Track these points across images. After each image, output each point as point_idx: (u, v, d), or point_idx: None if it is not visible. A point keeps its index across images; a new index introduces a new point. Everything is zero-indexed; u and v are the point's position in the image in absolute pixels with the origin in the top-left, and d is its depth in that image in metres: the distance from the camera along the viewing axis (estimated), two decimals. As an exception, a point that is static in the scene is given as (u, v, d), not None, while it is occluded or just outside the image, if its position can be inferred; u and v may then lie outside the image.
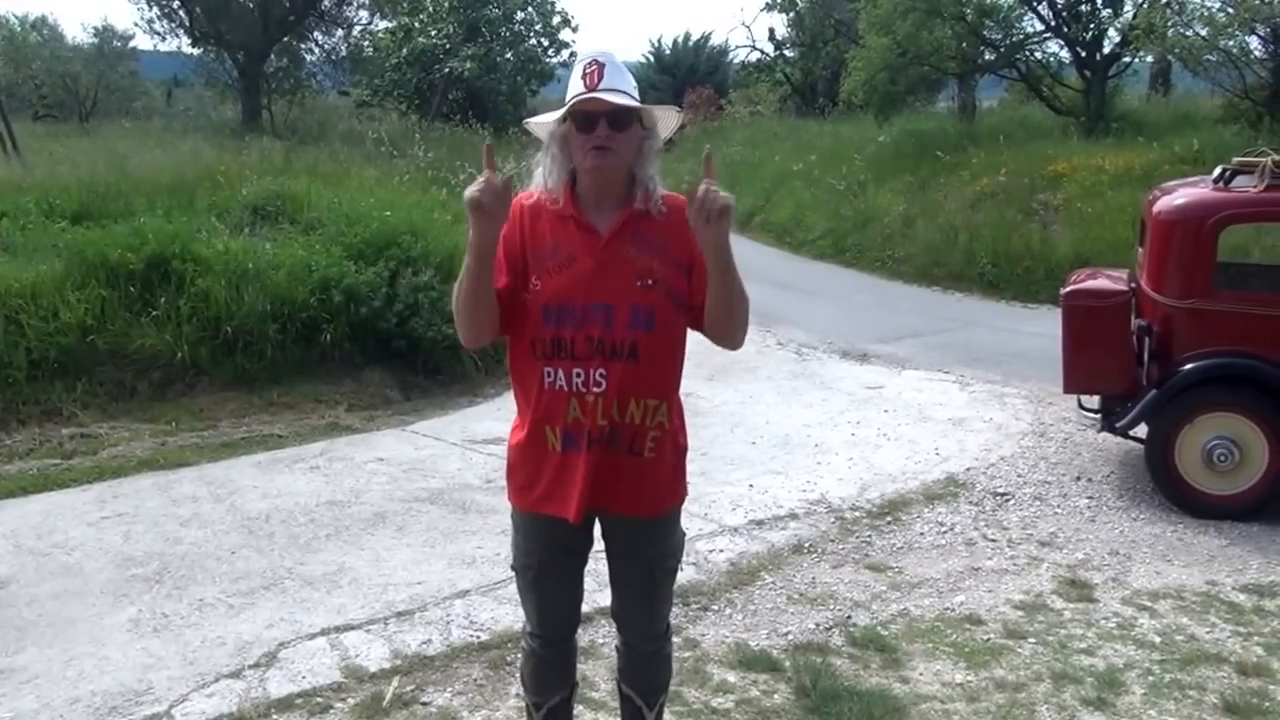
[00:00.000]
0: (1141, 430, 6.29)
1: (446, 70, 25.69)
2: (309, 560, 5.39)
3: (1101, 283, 6.64)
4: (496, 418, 8.05)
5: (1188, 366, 6.04)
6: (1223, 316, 6.06)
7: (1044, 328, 6.89)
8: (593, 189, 2.88)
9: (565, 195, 2.88)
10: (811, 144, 20.10)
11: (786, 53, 30.05)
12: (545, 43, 30.01)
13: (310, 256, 8.92)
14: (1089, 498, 6.33)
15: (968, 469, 6.78)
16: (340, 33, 27.00)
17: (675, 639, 4.62)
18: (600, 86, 2.79)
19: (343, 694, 4.19)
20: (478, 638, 4.63)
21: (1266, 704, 4.09)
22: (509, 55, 28.05)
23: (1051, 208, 13.52)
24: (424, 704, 4.14)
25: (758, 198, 18.57)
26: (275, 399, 7.99)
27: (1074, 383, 6.52)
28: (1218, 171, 6.36)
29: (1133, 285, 6.53)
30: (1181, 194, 6.40)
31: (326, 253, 9.05)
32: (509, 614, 4.81)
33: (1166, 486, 6.15)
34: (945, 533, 5.84)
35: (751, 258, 15.53)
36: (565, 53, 29.84)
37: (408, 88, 27.19)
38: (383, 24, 27.75)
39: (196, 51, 25.62)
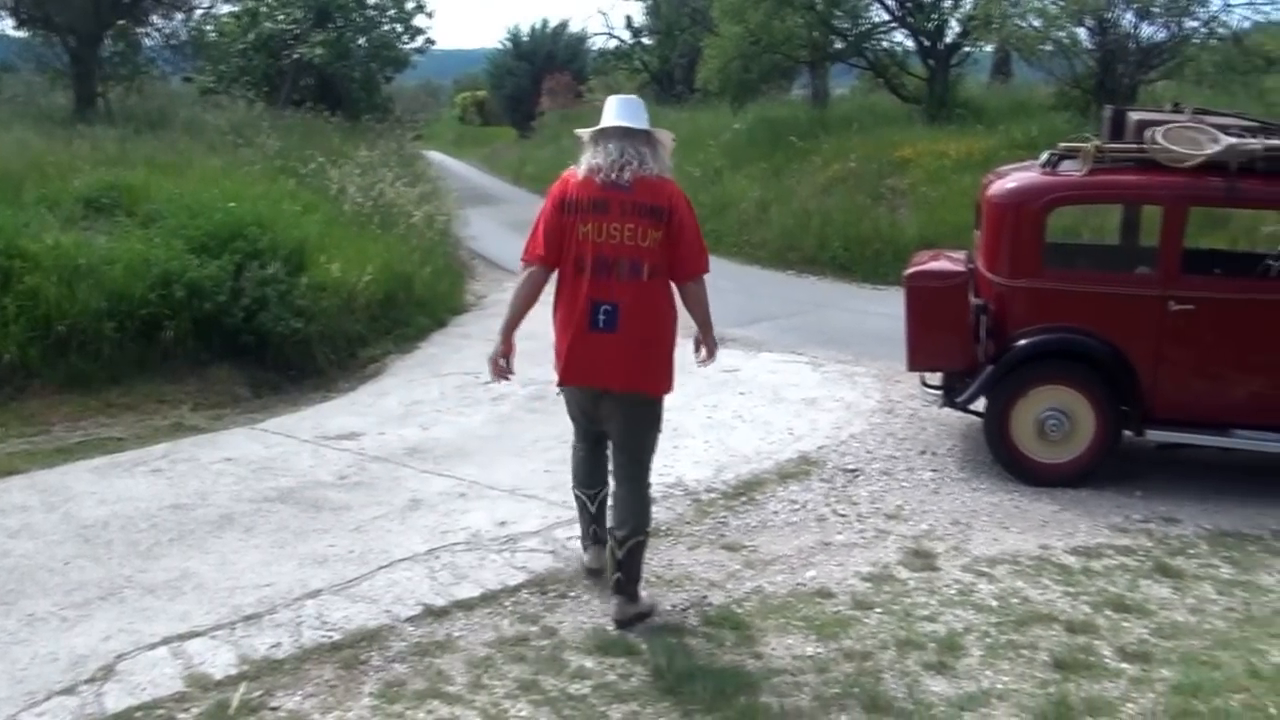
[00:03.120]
0: (981, 404, 6.55)
1: (296, 56, 25.04)
2: (150, 567, 5.22)
3: (942, 264, 6.88)
4: (351, 412, 7.94)
5: (1021, 343, 6.32)
6: (1052, 294, 6.35)
7: (893, 308, 7.15)
8: None
9: None
10: (669, 131, 20.22)
11: (644, 40, 30.24)
12: (400, 29, 29.49)
13: (149, 250, 8.64)
14: (933, 470, 6.58)
15: (820, 447, 6.97)
16: (180, 16, 26.03)
17: (533, 627, 4.69)
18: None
19: (186, 704, 4.07)
20: (330, 638, 4.56)
21: (1091, 659, 4.33)
22: (362, 42, 27.47)
23: (899, 192, 13.95)
24: (273, 709, 4.06)
25: (618, 185, 18.60)
26: (114, 400, 7.72)
27: (917, 361, 6.76)
28: (1045, 156, 6.66)
29: (971, 266, 6.79)
30: (1013, 178, 6.69)
31: (167, 246, 8.76)
32: (363, 612, 4.77)
33: (1004, 457, 6.43)
34: (798, 510, 6.00)
35: (610, 245, 15.60)
36: (420, 39, 29.41)
37: (255, 74, 26.38)
38: (226, 8, 26.87)
39: (24, 35, 24.39)
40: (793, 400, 7.97)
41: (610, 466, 4.82)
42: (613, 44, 31.62)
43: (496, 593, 5.00)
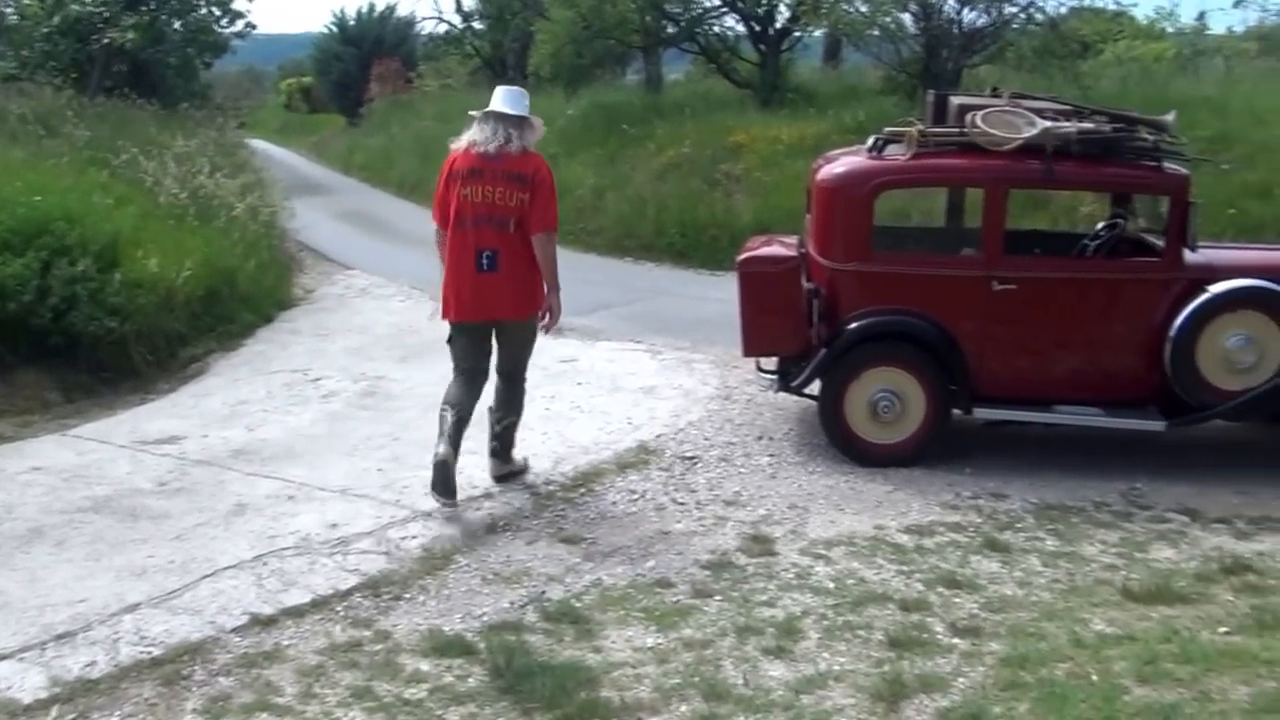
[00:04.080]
0: (815, 388, 6.67)
1: (106, 41, 23.87)
2: (-51, 588, 4.90)
3: (774, 249, 6.99)
4: (171, 415, 7.62)
5: (852, 326, 6.46)
6: (881, 277, 6.51)
7: (729, 294, 7.24)
8: None
9: None
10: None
11: (475, 24, 29.84)
12: (218, 12, 28.41)
13: (-58, 249, 8.09)
14: (770, 455, 6.68)
15: (658, 436, 7.00)
16: (-23, -2, 24.55)
17: (366, 632, 4.58)
18: None
19: (-9, 732, 3.84)
20: (149, 654, 4.36)
21: (925, 636, 4.46)
22: (177, 25, 26.38)
23: (733, 178, 14.11)
24: (88, 731, 3.86)
25: (450, 173, 18.34)
26: (-92, 410, 7.21)
27: (752, 346, 6.85)
28: (871, 141, 6.81)
29: (803, 251, 6.91)
30: (840, 163, 6.83)
31: (-38, 244, 8.22)
32: (185, 624, 4.58)
33: (838, 439, 6.57)
34: (637, 500, 6.02)
35: (445, 235, 15.37)
36: (240, 23, 28.41)
37: (62, 60, 25.03)
38: (28, -12, 25.44)
39: None
40: (631, 389, 7.99)
41: (492, 376, 6.08)
42: (443, 28, 31.14)
43: (328, 598, 4.87)
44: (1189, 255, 6.34)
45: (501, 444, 6.17)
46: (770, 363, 7.09)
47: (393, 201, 19.04)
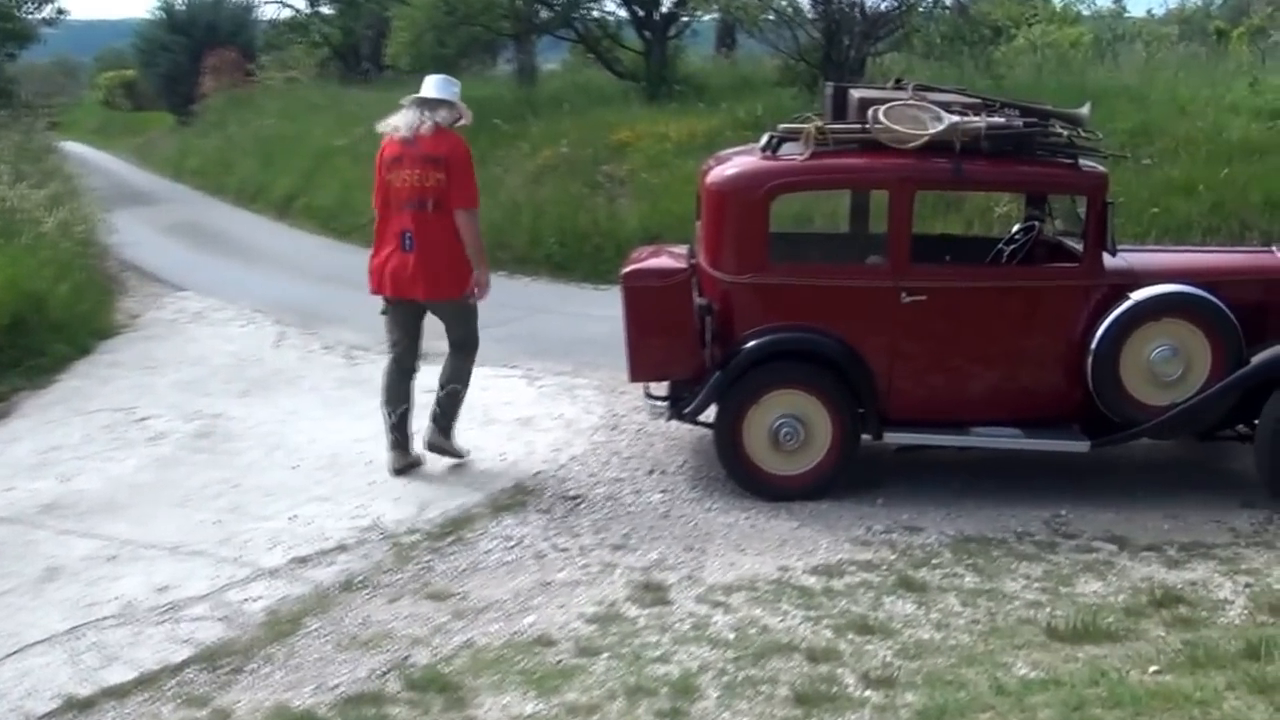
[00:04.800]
0: (711, 415, 6.72)
1: (-115, 30, 23.07)
2: None
3: (662, 261, 7.03)
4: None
5: (749, 345, 6.52)
6: (780, 290, 6.59)
7: (615, 310, 7.27)
8: None
9: None
10: (357, 115, 19.77)
11: (323, 9, 29.51)
12: (26, -2, 27.64)
13: None
14: (663, 492, 6.72)
15: (537, 473, 6.99)
16: None
17: (201, 712, 4.47)
18: None
19: None
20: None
21: (834, 689, 4.50)
22: (-26, 12, 25.63)
23: (617, 180, 14.18)
24: None
25: (297, 178, 18.12)
26: None
27: (640, 370, 6.86)
28: (764, 139, 6.91)
29: (693, 262, 6.96)
30: (732, 164, 6.90)
31: None
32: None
33: (737, 472, 6.63)
34: (513, 547, 5.99)
35: (292, 250, 15.16)
36: (49, 8, 27.71)
37: None
38: None
39: None
40: (506, 421, 7.96)
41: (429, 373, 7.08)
42: (286, 14, 30.74)
43: (156, 674, 4.77)
44: (1109, 260, 6.55)
45: (443, 410, 7.00)
46: (661, 388, 7.12)
47: (231, 212, 18.68)
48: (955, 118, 6.54)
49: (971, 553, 5.89)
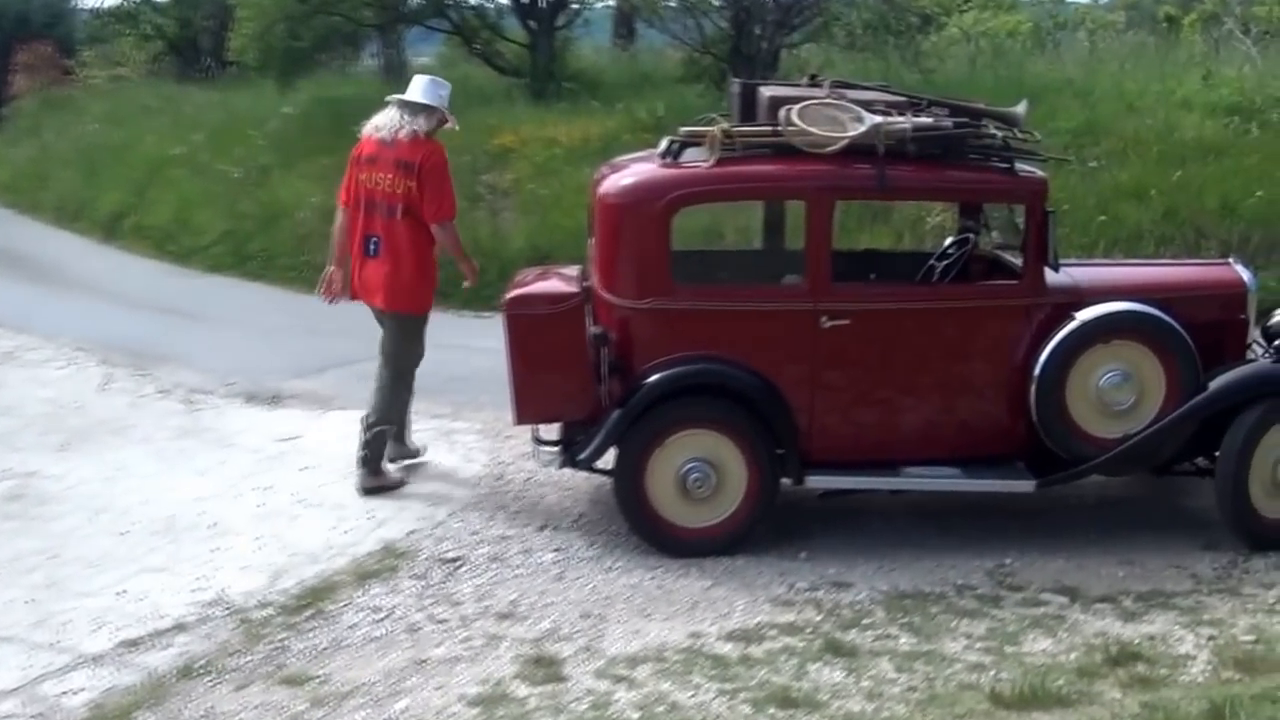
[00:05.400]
0: (610, 460, 6.72)
1: None
2: None
3: (550, 285, 7.04)
4: None
5: (651, 380, 6.54)
6: (685, 316, 6.62)
7: (499, 342, 7.27)
8: None
9: None
10: (196, 119, 19.64)
11: (155, -2, 29.14)
12: None
13: None
14: (556, 551, 6.70)
15: (410, 533, 6.94)
16: None
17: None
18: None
19: None
20: None
21: (753, 774, 4.52)
22: None
23: (500, 191, 14.18)
24: None
25: (127, 193, 17.78)
26: None
27: (527, 410, 6.85)
28: (664, 145, 6.94)
29: (586, 285, 6.96)
30: (628, 173, 6.93)
31: None
32: None
33: (641, 525, 6.64)
34: (383, 620, 5.95)
35: (120, 277, 14.89)
36: None
37: None
38: None
39: None
40: (374, 472, 7.87)
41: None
42: (111, 1, 30.29)
43: (-44, 786, 4.62)
44: (1052, 276, 6.68)
45: (370, 452, 7.42)
46: (552, 431, 7.11)
47: (48, 233, 18.27)
48: (878, 118, 6.64)
49: (907, 610, 5.95)
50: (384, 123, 7.31)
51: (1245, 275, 7.09)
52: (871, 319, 6.62)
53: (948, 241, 7.67)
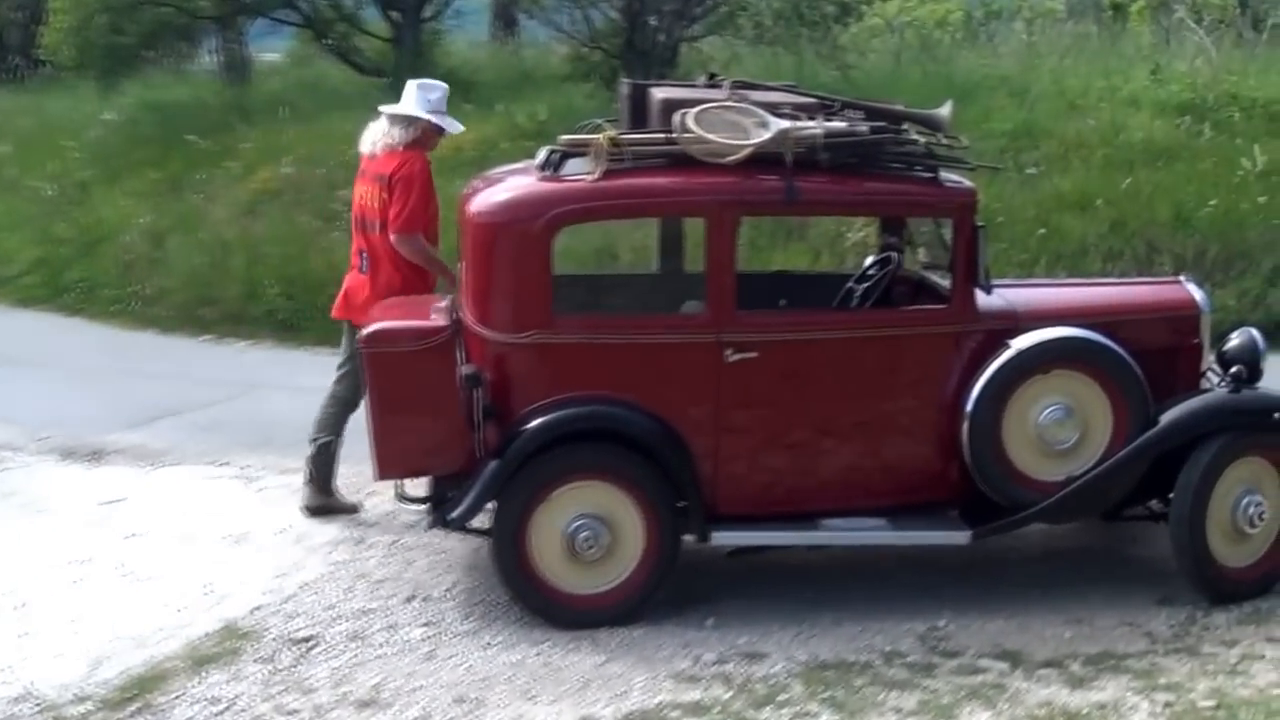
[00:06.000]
0: (486, 519, 6.68)
1: None
2: None
3: (414, 318, 7.02)
4: None
5: (532, 425, 6.51)
6: (571, 351, 6.60)
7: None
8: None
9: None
10: (2, 127, 19.37)
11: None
12: None
13: None
14: (426, 625, 6.65)
15: (255, 609, 6.85)
16: None
17: None
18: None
19: None
20: None
21: None
22: None
23: (360, 209, 14.08)
24: None
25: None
26: None
27: (389, 462, 6.79)
28: (543, 155, 6.93)
29: (457, 317, 6.93)
30: (503, 187, 6.92)
31: None
32: None
33: (524, 593, 6.60)
34: (222, 713, 5.86)
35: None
36: None
37: None
38: None
39: None
40: (212, 539, 7.82)
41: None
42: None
43: None
44: (984, 299, 6.77)
45: (317, 468, 7.97)
46: (419, 486, 7.08)
47: None
48: (785, 123, 6.68)
49: (828, 683, 5.98)
50: (370, 136, 7.95)
51: (1198, 295, 7.24)
52: (782, 351, 6.66)
53: (868, 261, 7.74)
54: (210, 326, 13.31)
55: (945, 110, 7.10)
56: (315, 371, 11.44)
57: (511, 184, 6.96)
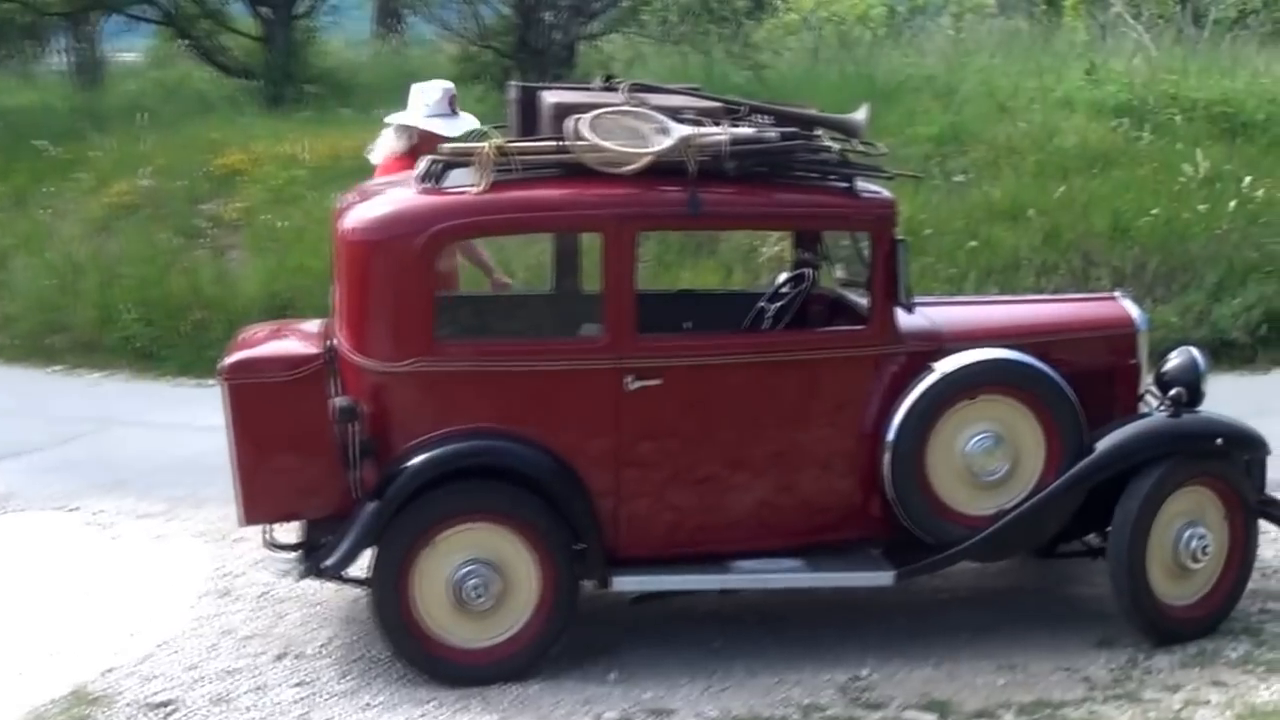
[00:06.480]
0: (364, 567, 6.64)
1: None
2: None
3: (283, 345, 6.99)
4: None
5: (414, 462, 6.47)
6: (455, 380, 6.58)
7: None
8: None
9: None
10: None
11: None
12: None
13: None
14: (299, 685, 6.60)
15: (107, 672, 6.77)
16: None
17: None
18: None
19: None
20: None
21: None
22: None
23: (227, 224, 14.04)
24: None
25: None
26: None
27: (256, 506, 6.74)
28: (425, 165, 6.90)
29: (331, 344, 6.88)
30: (379, 201, 6.87)
31: None
32: None
33: (407, 647, 6.55)
34: (70, 789, 5.80)
35: None
36: None
37: None
38: None
39: None
40: (60, 592, 7.74)
41: None
42: None
43: None
44: (905, 318, 6.83)
45: None
46: (290, 531, 7.03)
47: None
48: (687, 130, 6.68)
49: (740, 740, 6.00)
50: (379, 146, 8.75)
51: (1134, 312, 7.34)
52: (688, 377, 6.66)
53: (780, 279, 7.76)
54: (59, 356, 13.16)
55: (861, 114, 7.14)
56: (176, 405, 11.46)
57: (389, 197, 6.92)
